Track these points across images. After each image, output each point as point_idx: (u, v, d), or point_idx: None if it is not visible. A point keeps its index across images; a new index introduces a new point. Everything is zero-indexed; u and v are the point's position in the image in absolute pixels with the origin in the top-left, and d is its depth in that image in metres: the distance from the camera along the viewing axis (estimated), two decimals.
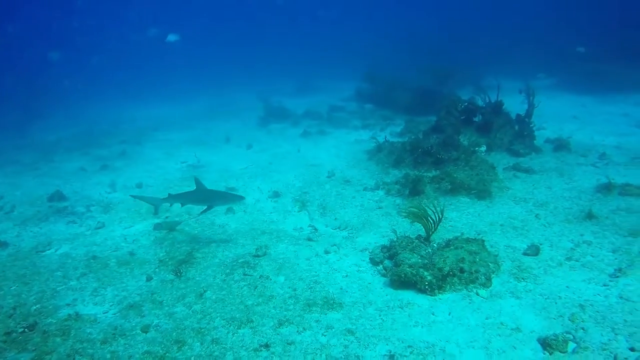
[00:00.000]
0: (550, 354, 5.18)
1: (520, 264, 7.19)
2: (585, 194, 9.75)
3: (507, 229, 8.48)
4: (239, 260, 8.05)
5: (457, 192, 10.04)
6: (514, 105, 14.60)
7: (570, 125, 16.88)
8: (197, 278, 7.58)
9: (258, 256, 8.17)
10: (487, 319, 5.88)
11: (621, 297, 6.12)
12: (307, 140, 18.17)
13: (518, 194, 10.01)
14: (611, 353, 5.09)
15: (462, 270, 6.72)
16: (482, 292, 6.50)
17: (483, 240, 7.54)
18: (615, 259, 7.15)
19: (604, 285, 6.47)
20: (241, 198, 8.66)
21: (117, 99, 37.30)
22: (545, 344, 5.28)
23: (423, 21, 47.75)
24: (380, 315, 6.13)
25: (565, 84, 26.44)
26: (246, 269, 7.70)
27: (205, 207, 8.51)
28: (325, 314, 6.25)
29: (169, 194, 9.07)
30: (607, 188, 9.58)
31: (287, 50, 56.37)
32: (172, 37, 29.28)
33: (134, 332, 6.14)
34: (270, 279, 7.34)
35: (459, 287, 6.61)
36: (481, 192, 9.92)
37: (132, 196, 10.19)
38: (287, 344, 5.66)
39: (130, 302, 6.93)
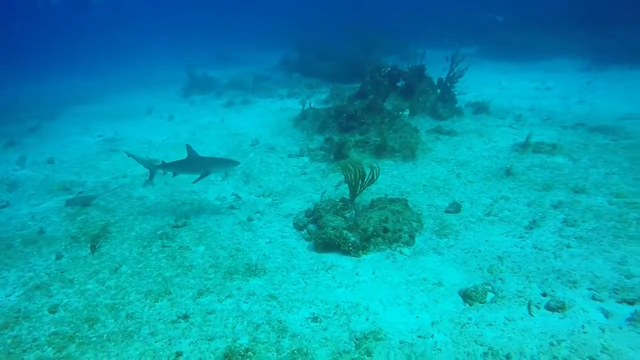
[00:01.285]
0: (470, 305, 5.25)
1: (442, 221, 7.27)
2: (503, 152, 10.03)
3: (430, 189, 8.56)
4: (158, 232, 7.66)
5: (382, 155, 10.04)
6: (437, 72, 14.70)
7: (490, 90, 17.36)
8: (112, 253, 7.13)
9: (178, 227, 7.81)
10: (410, 275, 5.89)
11: (535, 247, 6.32)
12: (231, 110, 17.65)
13: (440, 155, 10.15)
14: (525, 300, 5.23)
15: (385, 230, 6.69)
16: (406, 250, 6.50)
17: (406, 200, 7.57)
18: (530, 212, 7.39)
19: (520, 237, 6.66)
20: (236, 163, 8.18)
21: (24, 72, 34.64)
22: (466, 296, 5.35)
23: None
24: (303, 279, 6.00)
25: (487, 52, 27.16)
26: (165, 241, 7.33)
27: (199, 175, 7.84)
28: (248, 281, 6.04)
29: (162, 161, 8.39)
30: (523, 146, 9.89)
31: (213, 21, 54.59)
32: None
33: (40, 314, 5.67)
34: (191, 249, 7.02)
35: (383, 247, 6.59)
36: (405, 155, 9.97)
37: (126, 153, 9.10)
38: (207, 313, 5.41)
39: (36, 283, 6.40)
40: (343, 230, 6.62)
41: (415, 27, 31.48)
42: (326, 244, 6.64)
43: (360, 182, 7.58)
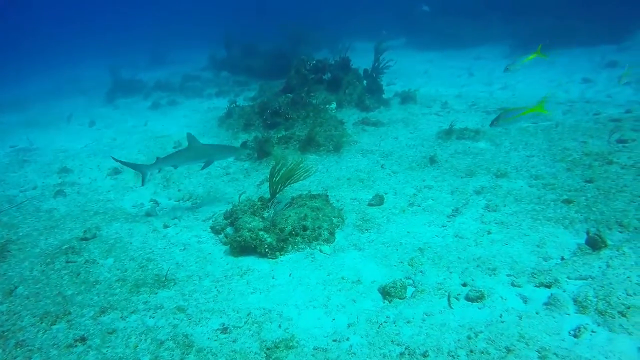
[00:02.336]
0: (389, 302, 5.01)
1: (364, 215, 7.02)
2: (428, 141, 9.94)
3: (354, 182, 8.32)
4: (64, 247, 7.03)
5: (306, 150, 9.74)
6: (367, 63, 14.51)
7: (418, 79, 17.47)
8: (10, 273, 6.46)
9: (86, 239, 7.21)
10: (328, 275, 5.59)
11: (456, 236, 6.17)
12: (157, 112, 16.97)
13: (365, 147, 9.95)
14: (445, 292, 5.04)
15: (304, 228, 6.38)
16: (325, 248, 6.21)
17: (327, 195, 7.29)
18: (453, 199, 7.26)
19: (443, 227, 6.51)
20: (241, 150, 8.01)
21: None
22: (385, 292, 5.10)
23: None
24: (216, 287, 5.59)
25: (415, 42, 27.52)
26: (70, 255, 6.72)
27: (203, 164, 7.49)
28: (156, 293, 5.58)
29: (157, 157, 7.71)
30: (447, 133, 9.84)
31: (142, 19, 52.90)
32: None
33: None
34: (97, 263, 6.46)
35: (302, 246, 6.28)
36: (330, 148, 9.71)
37: (114, 159, 8.35)
38: (108, 333, 4.92)
39: None
40: (259, 231, 6.26)
41: (346, 21, 31.51)
42: (242, 247, 6.26)
43: (284, 180, 7.23)
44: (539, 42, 21.81)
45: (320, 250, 6.18)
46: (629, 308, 4.46)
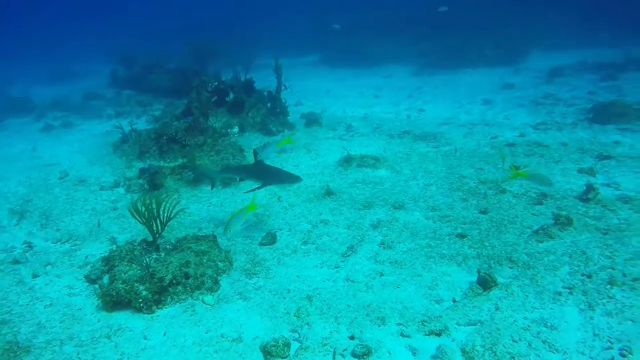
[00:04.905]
0: None
1: (254, 257, 6.58)
2: (329, 169, 9.69)
3: (248, 217, 7.85)
4: None
5: (201, 181, 9.18)
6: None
7: (327, 99, 17.33)
8: None
9: None
10: (207, 332, 5.09)
11: (347, 280, 5.86)
12: (48, 136, 15.69)
13: None
14: (331, 347, 4.69)
15: (187, 276, 5.85)
16: (208, 298, 5.71)
17: (215, 236, 6.78)
18: (349, 235, 6.99)
19: (335, 268, 6.19)
20: (298, 179, 7.16)
21: None
22: (266, 351, 4.67)
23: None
24: (78, 354, 4.92)
25: (329, 59, 27.61)
26: None
27: (258, 184, 7.30)
28: None
29: (225, 165, 9.58)
30: (347, 161, 9.64)
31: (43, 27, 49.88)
32: None
33: None
34: None
35: (184, 297, 5.74)
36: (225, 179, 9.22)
37: (189, 159, 9.65)
38: None
39: None
40: (135, 283, 5.65)
41: (262, 37, 31.17)
42: (116, 302, 5.63)
43: (157, 220, 6.65)
44: (445, 61, 22.61)
45: (203, 301, 5.66)
46: (513, 358, 4.34)
